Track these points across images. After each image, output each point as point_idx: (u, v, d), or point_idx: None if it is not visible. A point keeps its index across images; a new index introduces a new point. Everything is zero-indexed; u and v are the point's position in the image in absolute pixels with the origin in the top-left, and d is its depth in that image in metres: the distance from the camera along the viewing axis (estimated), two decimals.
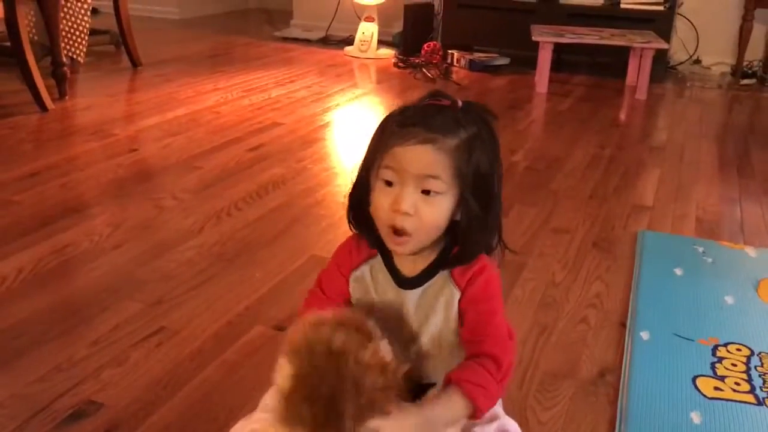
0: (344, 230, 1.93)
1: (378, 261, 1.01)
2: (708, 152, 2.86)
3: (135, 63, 3.79)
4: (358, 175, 0.98)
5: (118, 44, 4.02)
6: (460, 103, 0.94)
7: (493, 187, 0.94)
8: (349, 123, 3.15)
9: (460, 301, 0.97)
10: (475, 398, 0.89)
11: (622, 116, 3.47)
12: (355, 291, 1.03)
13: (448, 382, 0.91)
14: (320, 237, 1.93)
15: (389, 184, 0.90)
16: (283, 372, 0.83)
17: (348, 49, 4.55)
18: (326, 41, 4.85)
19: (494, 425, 0.99)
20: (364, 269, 1.01)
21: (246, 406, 1.23)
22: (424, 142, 0.88)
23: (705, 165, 2.69)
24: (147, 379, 1.30)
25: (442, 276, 0.98)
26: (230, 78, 3.70)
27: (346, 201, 1.02)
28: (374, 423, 0.82)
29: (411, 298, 0.99)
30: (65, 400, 1.23)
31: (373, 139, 0.96)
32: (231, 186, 2.26)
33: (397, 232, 0.90)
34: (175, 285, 1.63)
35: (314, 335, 0.84)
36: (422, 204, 0.89)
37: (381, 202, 0.91)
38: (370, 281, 1.01)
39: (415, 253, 0.96)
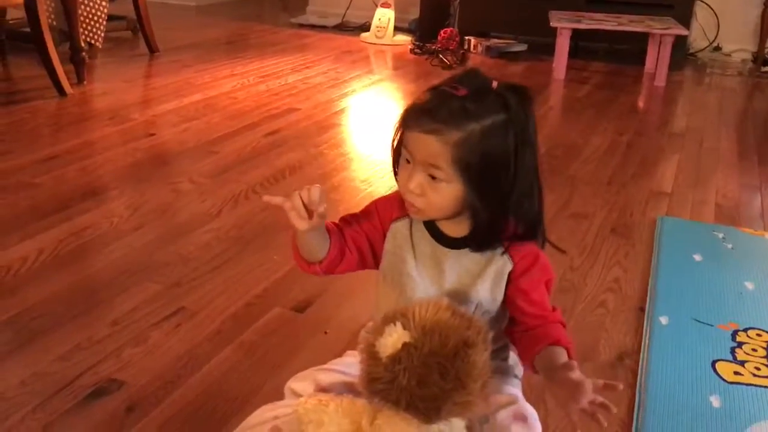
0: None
1: (416, 221, 1.00)
2: (728, 139, 2.83)
3: (152, 49, 3.80)
4: (395, 135, 0.97)
5: (135, 30, 4.02)
6: (494, 84, 0.91)
7: (507, 178, 0.92)
8: (366, 109, 3.14)
9: (511, 272, 0.98)
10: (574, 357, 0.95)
11: (641, 103, 3.44)
12: (390, 242, 1.02)
13: (554, 342, 0.96)
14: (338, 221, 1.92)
15: (407, 160, 0.92)
16: (392, 337, 0.83)
17: (364, 35, 4.53)
18: (342, 27, 4.84)
19: (511, 410, 0.99)
20: (404, 222, 1.01)
21: (264, 386, 1.24)
22: (428, 132, 0.88)
23: (725, 152, 2.66)
24: (167, 358, 1.31)
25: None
26: (247, 64, 3.70)
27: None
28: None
29: (449, 256, 0.99)
30: (86, 378, 1.24)
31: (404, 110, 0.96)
32: (248, 170, 2.27)
33: (408, 203, 0.94)
34: (194, 267, 1.64)
35: (437, 314, 0.85)
36: (428, 187, 0.91)
37: (401, 176, 0.94)
38: (407, 234, 1.01)
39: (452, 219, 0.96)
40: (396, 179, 0.98)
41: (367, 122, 2.96)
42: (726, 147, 2.72)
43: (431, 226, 1.00)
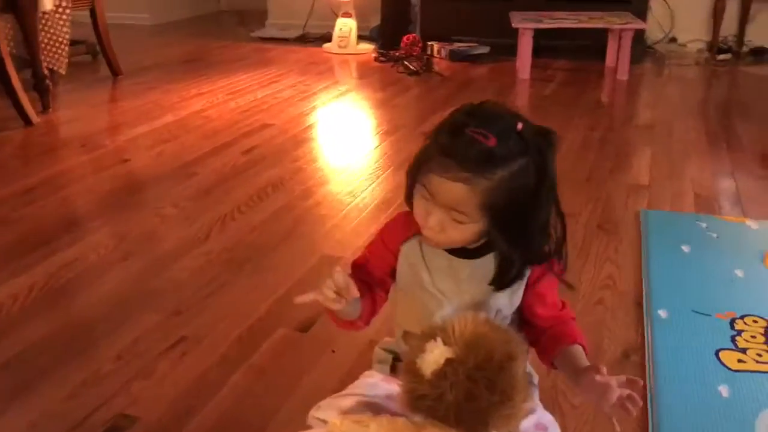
0: (351, 228, 1.95)
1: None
2: (695, 128, 2.90)
3: (115, 72, 3.74)
4: (412, 168, 0.97)
5: (95, 53, 3.96)
6: (519, 126, 0.90)
7: (531, 218, 0.93)
8: (337, 120, 3.14)
9: (529, 278, 1.00)
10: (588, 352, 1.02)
11: (607, 98, 3.50)
12: (402, 264, 1.04)
13: (572, 343, 1.01)
14: (327, 237, 1.92)
15: (425, 197, 0.92)
16: (434, 353, 0.83)
17: (327, 45, 4.53)
18: (304, 39, 4.83)
19: (532, 419, 1.00)
20: (414, 242, 1.02)
21: (280, 410, 1.23)
22: (456, 180, 0.88)
23: (694, 141, 2.73)
24: (177, 389, 1.29)
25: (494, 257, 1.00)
26: (213, 82, 3.67)
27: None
28: None
29: (466, 266, 1.00)
30: (99, 416, 1.22)
31: (423, 145, 0.94)
32: (230, 190, 2.25)
33: (426, 238, 0.96)
34: (190, 293, 1.62)
35: (476, 328, 0.86)
36: (449, 225, 0.92)
37: (418, 209, 0.94)
38: (418, 253, 1.02)
39: None
40: (409, 207, 0.99)
41: (341, 134, 2.96)
42: (694, 136, 2.79)
43: None
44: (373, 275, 1.06)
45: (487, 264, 1.00)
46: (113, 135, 2.83)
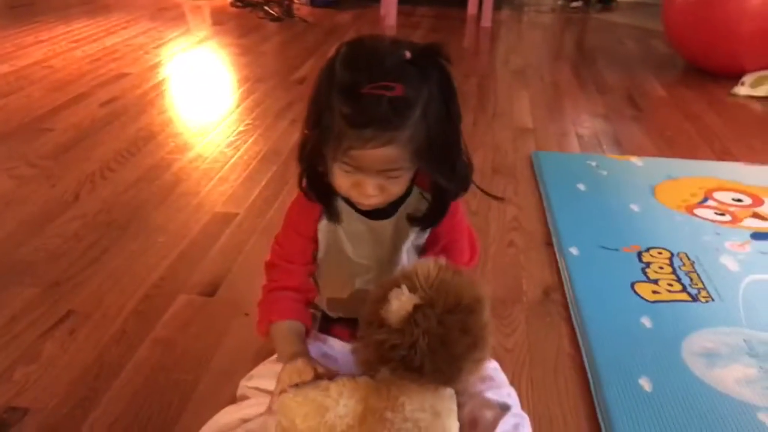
0: (240, 182, 1.81)
1: (339, 201, 0.97)
2: (564, 72, 2.97)
3: None
4: (308, 145, 0.90)
5: None
6: (408, 55, 0.82)
7: (452, 137, 0.89)
8: (202, 68, 2.90)
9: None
10: None
11: (476, 44, 3.51)
12: (322, 242, 1.00)
13: None
14: (216, 192, 1.76)
15: (347, 169, 0.86)
16: (400, 300, 0.77)
17: None
18: None
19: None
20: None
21: (199, 383, 1.10)
22: (382, 145, 0.81)
23: (566, 85, 2.79)
24: (72, 372, 1.12)
25: (414, 196, 0.97)
26: (51, 29, 3.29)
27: (298, 166, 0.94)
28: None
29: (387, 226, 0.98)
30: None
31: (320, 116, 0.85)
32: (94, 146, 2.01)
33: (361, 204, 0.92)
34: (69, 263, 1.42)
35: (440, 273, 0.81)
36: (386, 183, 0.87)
37: (342, 183, 0.88)
38: (335, 226, 0.98)
39: None
40: (304, 193, 0.95)
41: (209, 82, 2.74)
42: (565, 80, 2.86)
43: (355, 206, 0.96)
44: (295, 274, 1.01)
45: (400, 220, 0.98)
46: None
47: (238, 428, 0.88)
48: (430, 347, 0.76)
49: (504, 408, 0.94)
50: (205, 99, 2.55)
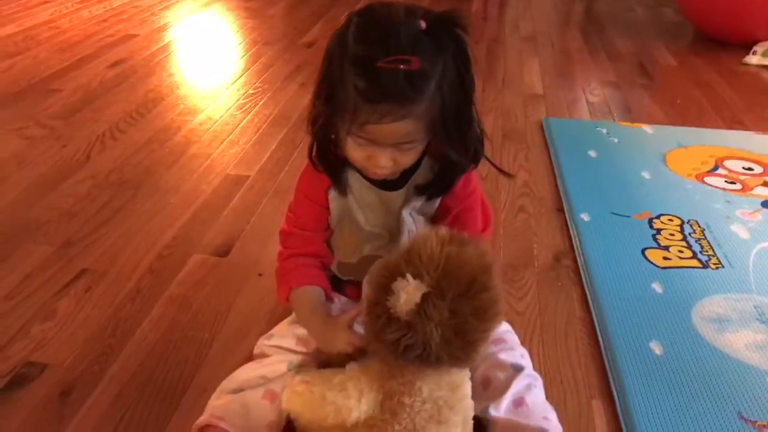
0: (251, 145, 1.80)
1: (351, 172, 0.97)
2: (574, 40, 2.94)
3: None
4: (319, 119, 0.89)
5: None
6: (423, 26, 0.80)
7: (466, 109, 0.87)
8: (211, 31, 2.88)
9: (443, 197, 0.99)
10: None
11: (485, 10, 3.47)
12: (334, 210, 1.00)
13: None
14: (227, 154, 1.76)
15: (363, 144, 0.85)
16: (407, 292, 0.73)
17: None
18: None
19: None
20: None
21: (214, 341, 1.12)
22: (398, 119, 0.80)
23: (576, 52, 2.77)
24: (88, 329, 1.13)
25: (425, 167, 0.96)
26: None
27: (308, 136, 0.94)
28: None
29: (397, 197, 0.98)
30: None
31: (331, 88, 0.84)
32: (103, 108, 2.01)
33: (373, 174, 0.91)
34: (82, 222, 1.43)
35: (444, 249, 0.76)
36: (399, 155, 0.86)
37: (355, 155, 0.87)
38: (344, 195, 0.99)
39: None
40: (313, 164, 0.95)
41: (218, 45, 2.72)
42: (575, 47, 2.83)
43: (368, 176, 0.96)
44: (311, 240, 1.01)
45: (410, 190, 0.97)
46: None
47: (259, 387, 0.89)
48: (444, 339, 0.73)
49: (517, 369, 0.95)
50: (213, 61, 2.53)
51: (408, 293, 0.73)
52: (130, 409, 0.98)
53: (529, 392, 0.91)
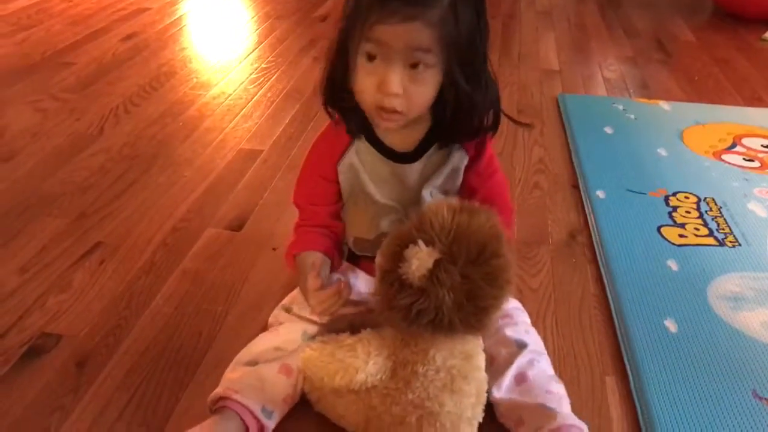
0: (264, 120, 1.79)
1: (362, 144, 0.97)
2: (591, 15, 2.90)
3: None
4: (333, 56, 0.88)
5: None
6: None
7: (480, 51, 0.86)
8: (223, 5, 2.86)
9: (467, 166, 0.97)
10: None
11: None
12: (345, 183, 0.99)
13: None
14: (241, 129, 1.76)
15: (371, 58, 0.82)
16: (419, 258, 0.73)
17: None
18: None
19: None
20: (350, 156, 0.97)
21: (227, 315, 1.12)
22: (409, 19, 0.79)
23: (593, 27, 2.73)
24: (103, 301, 1.14)
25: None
26: None
27: (321, 85, 0.92)
28: None
29: (412, 170, 0.96)
30: (13, 337, 1.05)
31: (346, 9, 0.84)
32: (116, 81, 2.00)
33: (387, 110, 0.85)
34: (96, 195, 1.43)
35: (455, 217, 0.76)
36: (410, 83, 0.83)
37: (366, 83, 0.85)
38: (359, 165, 0.98)
39: (403, 128, 0.91)
40: (328, 114, 0.94)
41: (230, 20, 2.70)
42: (592, 22, 2.79)
43: (381, 148, 0.95)
44: (320, 215, 1.01)
45: (439, 159, 0.96)
46: None
47: (275, 360, 0.90)
48: (456, 304, 0.74)
49: (521, 345, 0.95)
50: (225, 35, 2.52)
51: (420, 259, 0.74)
52: (145, 380, 0.98)
53: (532, 367, 0.91)
